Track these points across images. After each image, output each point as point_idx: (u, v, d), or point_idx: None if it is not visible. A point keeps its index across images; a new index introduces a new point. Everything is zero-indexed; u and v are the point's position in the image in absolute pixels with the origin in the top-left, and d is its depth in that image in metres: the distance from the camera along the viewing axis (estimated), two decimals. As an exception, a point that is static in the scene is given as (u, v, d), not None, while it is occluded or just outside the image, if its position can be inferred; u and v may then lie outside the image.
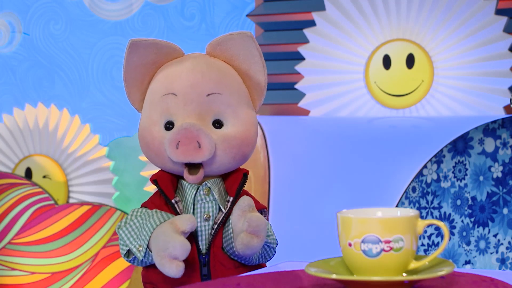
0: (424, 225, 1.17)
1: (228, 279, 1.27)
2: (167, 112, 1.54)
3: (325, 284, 1.22)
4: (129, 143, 3.49)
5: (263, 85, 1.58)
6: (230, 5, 3.36)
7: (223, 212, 1.53)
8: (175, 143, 1.49)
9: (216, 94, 1.52)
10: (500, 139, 2.60)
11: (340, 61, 2.96)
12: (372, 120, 2.87)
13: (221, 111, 1.52)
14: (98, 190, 3.52)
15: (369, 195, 2.52)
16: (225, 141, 1.51)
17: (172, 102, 1.53)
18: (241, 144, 1.52)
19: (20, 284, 3.29)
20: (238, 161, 1.54)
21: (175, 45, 1.60)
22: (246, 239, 1.43)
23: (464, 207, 2.54)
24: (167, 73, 1.56)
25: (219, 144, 1.51)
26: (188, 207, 1.53)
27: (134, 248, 1.50)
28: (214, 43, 1.58)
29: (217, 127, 1.52)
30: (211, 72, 1.53)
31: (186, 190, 1.54)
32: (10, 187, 3.34)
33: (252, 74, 1.57)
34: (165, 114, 1.54)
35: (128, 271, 3.19)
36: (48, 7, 3.61)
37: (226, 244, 1.52)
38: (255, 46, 1.55)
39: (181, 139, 1.49)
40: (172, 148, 1.49)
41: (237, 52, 1.56)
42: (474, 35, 2.80)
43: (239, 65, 1.57)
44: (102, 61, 3.56)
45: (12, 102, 3.67)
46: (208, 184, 1.53)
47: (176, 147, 1.49)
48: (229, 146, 1.51)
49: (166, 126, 1.54)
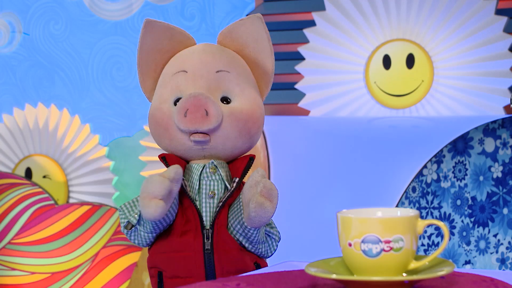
0: (424, 225, 1.17)
1: (228, 279, 1.27)
2: (177, 89, 1.57)
3: (325, 284, 1.22)
4: (129, 143, 3.49)
5: (270, 72, 1.62)
6: (230, 5, 3.36)
7: (228, 191, 1.55)
8: (184, 111, 1.51)
9: (225, 71, 1.56)
10: (500, 139, 2.60)
11: (340, 61, 2.96)
12: (372, 120, 2.87)
13: (230, 89, 1.56)
14: (98, 190, 3.52)
15: (369, 195, 2.52)
16: (232, 114, 1.54)
17: (182, 79, 1.56)
18: (247, 119, 1.55)
19: (20, 284, 3.29)
20: (243, 138, 1.56)
21: (188, 34, 1.63)
22: (260, 199, 1.45)
23: (464, 207, 2.54)
24: (179, 55, 1.60)
25: (226, 116, 1.53)
26: (193, 184, 1.55)
27: (131, 216, 1.53)
28: (225, 31, 1.62)
29: (224, 104, 1.55)
30: (221, 54, 1.58)
31: (192, 169, 1.56)
32: (10, 187, 3.34)
33: (261, 62, 1.61)
34: (175, 91, 1.57)
35: (128, 271, 3.19)
36: (48, 7, 3.61)
37: (233, 222, 1.54)
38: (264, 29, 1.59)
39: (189, 107, 1.51)
40: (181, 116, 1.52)
41: (247, 38, 1.60)
42: (474, 35, 2.80)
43: (249, 53, 1.61)
44: (102, 61, 3.56)
45: (12, 102, 3.67)
46: (214, 163, 1.55)
47: (185, 115, 1.51)
48: (236, 119, 1.54)
49: (175, 103, 1.57)
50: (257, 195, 1.46)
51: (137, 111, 3.45)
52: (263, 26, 1.58)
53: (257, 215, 1.47)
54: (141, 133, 3.41)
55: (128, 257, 3.21)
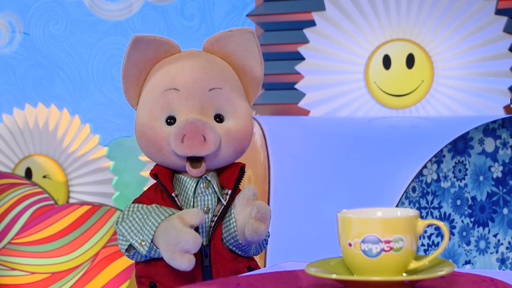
0: (424, 225, 1.17)
1: (228, 279, 1.27)
2: (168, 107, 1.55)
3: (325, 284, 1.22)
4: (129, 143, 3.49)
5: (259, 79, 1.62)
6: (230, 5, 3.36)
7: (222, 204, 1.55)
8: (181, 137, 1.51)
9: (217, 89, 1.55)
10: (500, 139, 2.60)
11: (340, 61, 2.96)
12: (372, 120, 2.87)
13: (222, 106, 1.55)
14: (98, 190, 3.52)
15: (369, 195, 2.52)
16: (228, 135, 1.54)
17: (174, 97, 1.55)
18: (241, 138, 1.56)
19: (20, 284, 3.29)
20: (237, 154, 1.58)
21: (173, 42, 1.62)
22: (256, 225, 1.47)
23: (464, 207, 2.54)
24: (167, 69, 1.58)
25: (222, 137, 1.54)
26: (189, 200, 1.55)
27: (136, 243, 1.51)
28: (212, 39, 1.61)
29: (218, 122, 1.55)
30: (212, 68, 1.57)
31: (186, 184, 1.56)
32: (10, 187, 3.34)
33: (248, 69, 1.61)
34: (166, 109, 1.56)
35: (128, 271, 3.19)
36: (48, 7, 3.61)
37: (226, 235, 1.54)
38: (255, 43, 1.59)
39: (186, 133, 1.51)
40: (177, 142, 1.51)
41: (235, 48, 1.60)
42: (474, 35, 2.80)
43: (235, 60, 1.61)
44: (102, 61, 3.56)
45: (12, 102, 3.67)
46: (208, 177, 1.55)
47: (182, 141, 1.51)
48: (232, 139, 1.55)
49: (167, 121, 1.56)
50: (252, 220, 1.47)
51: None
52: (254, 40, 1.59)
53: (252, 238, 1.49)
54: (141, 133, 3.41)
55: (128, 257, 3.20)
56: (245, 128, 1.57)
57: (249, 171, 2.73)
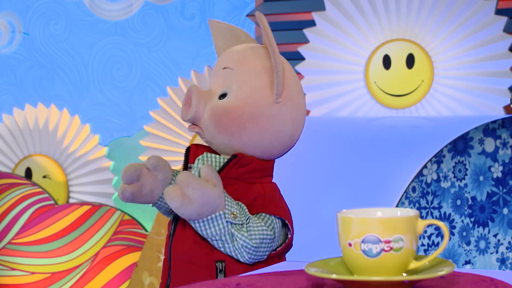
0: (424, 225, 1.17)
1: (228, 279, 1.27)
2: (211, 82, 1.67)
3: (325, 284, 1.22)
4: (129, 143, 3.49)
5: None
6: (230, 5, 3.36)
7: None
8: (183, 102, 1.62)
9: (228, 69, 1.60)
10: (500, 139, 2.60)
11: (340, 61, 2.96)
12: (372, 120, 2.87)
13: (229, 86, 1.59)
14: (98, 190, 3.52)
15: (369, 195, 2.52)
16: (211, 109, 1.58)
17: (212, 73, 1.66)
18: (222, 115, 1.57)
19: (20, 284, 3.29)
20: (222, 134, 1.58)
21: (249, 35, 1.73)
22: (168, 188, 1.53)
23: (464, 207, 2.54)
24: None
25: (208, 110, 1.58)
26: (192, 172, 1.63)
27: None
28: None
29: (220, 99, 1.59)
30: (237, 52, 1.62)
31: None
32: (10, 187, 3.34)
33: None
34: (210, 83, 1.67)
35: (128, 271, 3.19)
36: (48, 7, 3.61)
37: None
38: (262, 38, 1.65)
39: (185, 98, 1.61)
40: (182, 106, 1.62)
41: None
42: (474, 35, 2.80)
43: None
44: (102, 61, 3.56)
45: (12, 102, 3.67)
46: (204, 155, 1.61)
47: (184, 105, 1.62)
48: (212, 114, 1.58)
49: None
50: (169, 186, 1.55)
51: (137, 111, 3.45)
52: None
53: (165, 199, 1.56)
54: (141, 133, 3.41)
55: (128, 257, 3.21)
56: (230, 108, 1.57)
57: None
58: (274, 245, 1.57)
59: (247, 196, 1.57)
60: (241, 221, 1.54)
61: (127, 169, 1.60)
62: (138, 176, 1.60)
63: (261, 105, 1.58)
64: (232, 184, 1.58)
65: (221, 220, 1.53)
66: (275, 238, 1.56)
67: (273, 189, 1.62)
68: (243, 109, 1.57)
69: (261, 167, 1.61)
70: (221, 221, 1.53)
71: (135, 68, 3.51)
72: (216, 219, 1.52)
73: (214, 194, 1.51)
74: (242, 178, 1.59)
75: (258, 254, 1.56)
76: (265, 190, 1.59)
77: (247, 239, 1.54)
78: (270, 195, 1.59)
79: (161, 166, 1.61)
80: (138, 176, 1.61)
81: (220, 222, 1.53)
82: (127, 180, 1.60)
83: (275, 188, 1.63)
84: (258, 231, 1.54)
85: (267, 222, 1.56)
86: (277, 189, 1.64)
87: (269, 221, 1.56)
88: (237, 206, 1.55)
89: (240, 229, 1.54)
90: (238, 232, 1.54)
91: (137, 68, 3.50)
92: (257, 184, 1.60)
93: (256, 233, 1.54)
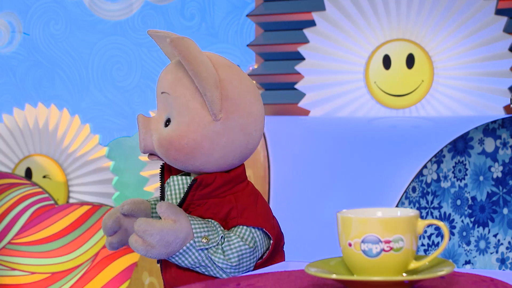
0: (424, 225, 1.17)
1: (228, 279, 1.27)
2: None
3: (325, 284, 1.22)
4: (129, 143, 3.49)
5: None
6: (230, 5, 3.36)
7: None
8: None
9: (165, 93, 1.56)
10: (500, 139, 2.60)
11: (340, 61, 2.96)
12: (372, 120, 2.87)
13: (170, 111, 1.56)
14: (98, 190, 3.52)
15: (369, 195, 2.52)
16: (158, 141, 1.56)
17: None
18: (168, 146, 1.55)
19: (20, 284, 3.29)
20: (175, 163, 1.57)
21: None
22: (131, 238, 1.53)
23: (464, 207, 2.54)
24: None
25: (155, 142, 1.57)
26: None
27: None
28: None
29: (166, 126, 1.56)
30: (171, 72, 1.57)
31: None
32: (10, 187, 3.34)
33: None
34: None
35: (128, 271, 3.19)
36: (48, 7, 3.61)
37: None
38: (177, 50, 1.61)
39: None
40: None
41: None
42: (474, 35, 2.80)
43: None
44: (102, 61, 3.56)
45: (12, 102, 3.67)
46: (170, 179, 1.60)
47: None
48: (160, 146, 1.56)
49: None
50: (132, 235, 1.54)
51: (137, 111, 3.45)
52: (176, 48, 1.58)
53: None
54: (141, 133, 3.40)
55: (128, 257, 3.21)
56: (173, 139, 1.54)
57: (249, 171, 2.73)
58: (258, 254, 1.54)
59: (221, 212, 1.54)
60: (216, 241, 1.51)
61: (105, 224, 1.60)
62: (119, 224, 1.60)
63: (203, 127, 1.53)
64: (203, 204, 1.55)
65: (194, 250, 1.51)
66: (256, 248, 1.53)
67: (247, 196, 1.57)
68: (186, 137, 1.53)
69: (227, 180, 1.56)
70: (194, 250, 1.51)
71: (135, 68, 3.51)
72: (187, 251, 1.51)
73: (175, 231, 1.49)
74: (212, 196, 1.55)
75: (242, 269, 1.53)
76: (237, 200, 1.55)
77: (225, 261, 1.51)
78: (244, 205, 1.55)
79: (135, 210, 1.61)
80: (119, 224, 1.60)
81: (193, 251, 1.51)
82: (109, 233, 1.60)
83: (250, 193, 1.58)
84: (235, 248, 1.51)
85: (244, 234, 1.52)
86: (253, 193, 1.58)
87: (247, 233, 1.53)
88: (207, 228, 1.52)
89: (216, 251, 1.52)
90: (214, 255, 1.51)
91: (137, 68, 3.50)
92: (228, 196, 1.56)
93: (233, 251, 1.51)
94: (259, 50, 3.13)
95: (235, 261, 1.51)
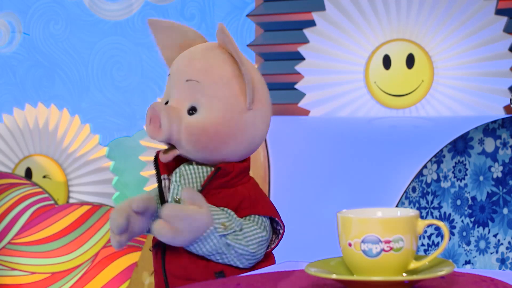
0: (424, 225, 1.17)
1: (228, 279, 1.27)
2: (167, 91, 1.61)
3: (325, 284, 1.22)
4: (129, 143, 3.49)
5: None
6: (230, 5, 3.36)
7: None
8: (148, 120, 1.56)
9: (193, 81, 1.55)
10: (500, 139, 2.60)
11: (340, 61, 2.96)
12: (372, 120, 2.87)
13: (198, 99, 1.54)
14: (98, 190, 3.52)
15: (369, 195, 2.53)
16: (187, 128, 1.54)
17: (168, 82, 1.60)
18: (201, 134, 1.53)
19: (20, 284, 3.29)
20: (199, 150, 1.55)
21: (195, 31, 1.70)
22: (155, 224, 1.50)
23: (464, 207, 2.54)
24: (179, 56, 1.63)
25: (183, 129, 1.54)
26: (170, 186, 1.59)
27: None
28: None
29: (190, 114, 1.54)
30: (199, 61, 1.57)
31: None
32: (10, 187, 3.34)
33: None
34: (167, 93, 1.61)
35: (128, 271, 3.19)
36: (48, 7, 3.61)
37: None
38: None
39: (150, 117, 1.55)
40: (146, 125, 1.56)
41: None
42: (474, 35, 2.80)
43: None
44: (102, 61, 3.56)
45: (12, 102, 3.67)
46: (182, 168, 1.57)
47: (149, 123, 1.56)
48: (190, 133, 1.54)
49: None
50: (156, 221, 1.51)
51: (137, 111, 3.45)
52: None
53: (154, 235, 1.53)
54: (141, 133, 3.41)
55: (128, 257, 3.21)
56: (209, 126, 1.53)
57: (249, 171, 2.73)
58: (268, 243, 1.57)
59: (234, 201, 1.55)
60: (233, 228, 1.52)
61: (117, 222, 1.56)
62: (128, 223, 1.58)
63: (236, 116, 1.54)
64: (217, 193, 1.55)
65: (213, 236, 1.51)
66: (268, 237, 1.56)
67: (255, 187, 1.60)
68: (220, 124, 1.53)
69: (241, 170, 1.58)
70: (213, 236, 1.51)
71: (135, 68, 3.51)
72: (208, 237, 1.51)
73: (202, 217, 1.49)
74: (226, 185, 1.56)
75: (257, 257, 1.55)
76: (249, 191, 1.57)
77: (245, 247, 1.52)
78: (255, 195, 1.57)
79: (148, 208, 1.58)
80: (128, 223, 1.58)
81: (212, 238, 1.51)
82: (120, 231, 1.58)
83: (255, 184, 1.61)
84: (254, 235, 1.53)
85: (257, 223, 1.54)
86: (257, 184, 1.61)
87: (260, 222, 1.55)
88: (225, 215, 1.53)
89: (235, 237, 1.53)
90: (234, 241, 1.52)
91: (137, 68, 3.50)
92: (240, 187, 1.57)
93: (253, 238, 1.53)
94: (259, 50, 3.13)
95: (254, 248, 1.53)
